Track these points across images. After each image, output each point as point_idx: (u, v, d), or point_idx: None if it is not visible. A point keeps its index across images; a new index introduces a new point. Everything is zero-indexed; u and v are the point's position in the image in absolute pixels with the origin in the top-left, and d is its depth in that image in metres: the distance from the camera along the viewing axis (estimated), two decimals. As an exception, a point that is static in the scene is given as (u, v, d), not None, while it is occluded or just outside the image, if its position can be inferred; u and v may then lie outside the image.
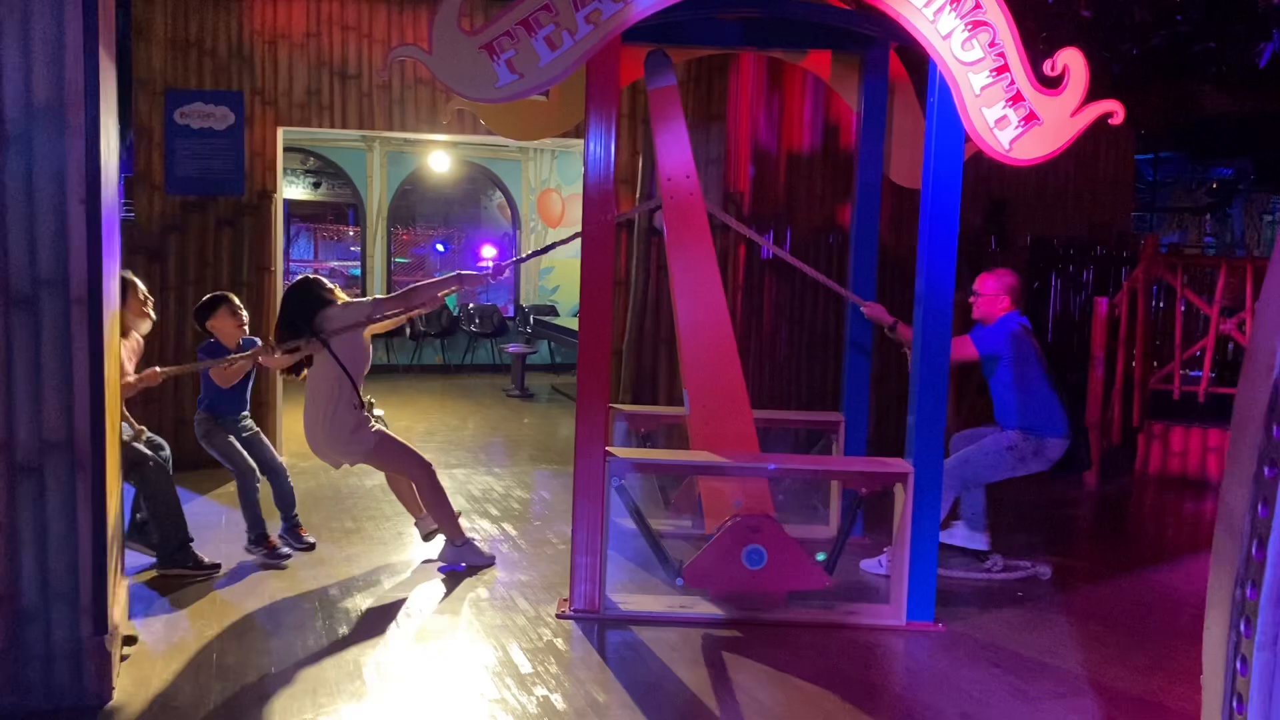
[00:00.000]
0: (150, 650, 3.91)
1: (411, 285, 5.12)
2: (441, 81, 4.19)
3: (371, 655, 3.93)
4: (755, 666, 3.95)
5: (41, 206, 3.22)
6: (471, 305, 13.78)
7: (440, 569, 4.99)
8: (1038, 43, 7.19)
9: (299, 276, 5.13)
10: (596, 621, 4.33)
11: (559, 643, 4.11)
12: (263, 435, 5.35)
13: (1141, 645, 4.31)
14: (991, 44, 4.14)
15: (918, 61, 4.56)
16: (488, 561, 5.07)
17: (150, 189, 7.16)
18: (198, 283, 7.17)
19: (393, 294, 5.22)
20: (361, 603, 4.51)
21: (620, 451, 4.54)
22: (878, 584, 4.89)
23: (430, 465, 5.07)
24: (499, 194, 14.63)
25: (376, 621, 4.29)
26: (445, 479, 6.88)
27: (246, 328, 5.27)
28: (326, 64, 7.20)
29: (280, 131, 7.28)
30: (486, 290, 14.27)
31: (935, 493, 4.39)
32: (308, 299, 4.89)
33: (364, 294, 13.14)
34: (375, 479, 6.80)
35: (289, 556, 5.07)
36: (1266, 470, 2.06)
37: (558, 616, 4.37)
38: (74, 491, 3.32)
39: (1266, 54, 7.37)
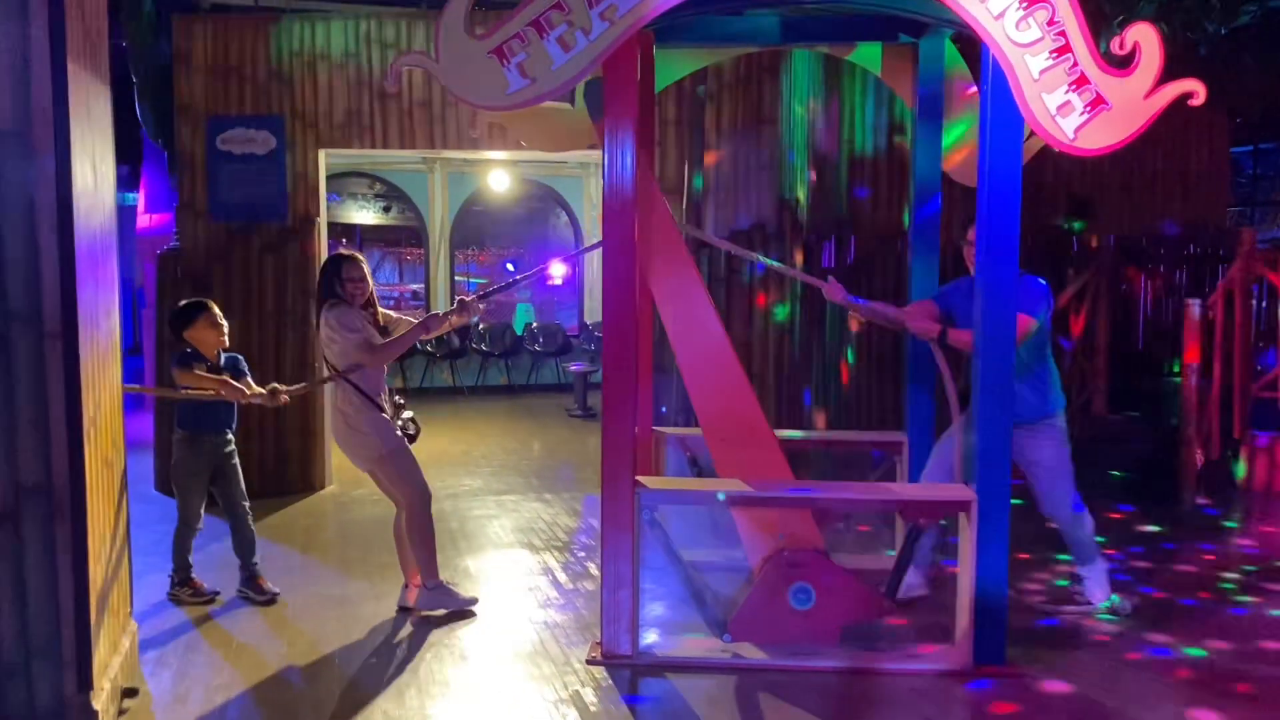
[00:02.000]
0: (153, 703, 3.69)
1: (385, 341, 4.66)
2: (450, 90, 3.94)
3: (380, 706, 3.65)
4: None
5: (10, 236, 3.03)
6: (535, 324, 13.59)
7: (413, 617, 4.59)
8: (1114, 26, 6.69)
9: (337, 252, 4.75)
10: (629, 668, 3.98)
11: (586, 693, 3.78)
12: (239, 468, 4.98)
13: (1244, 698, 3.80)
14: (1050, 22, 3.71)
15: (976, 50, 4.16)
16: (466, 604, 4.65)
17: (195, 216, 7.09)
18: (244, 311, 7.06)
19: (375, 346, 4.57)
20: (381, 648, 4.25)
21: (651, 481, 4.20)
22: (945, 622, 4.45)
23: (429, 497, 4.65)
24: (564, 212, 14.44)
25: (394, 669, 4.01)
26: (493, 507, 6.70)
27: (226, 339, 4.89)
28: (366, 83, 7.04)
29: (322, 154, 7.14)
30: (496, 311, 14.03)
31: (1001, 520, 3.94)
32: (326, 280, 4.55)
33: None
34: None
35: (204, 601, 4.75)
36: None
37: (588, 663, 4.04)
38: (53, 540, 3.11)
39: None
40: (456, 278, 13.65)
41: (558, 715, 3.59)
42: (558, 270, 14.88)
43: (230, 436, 4.95)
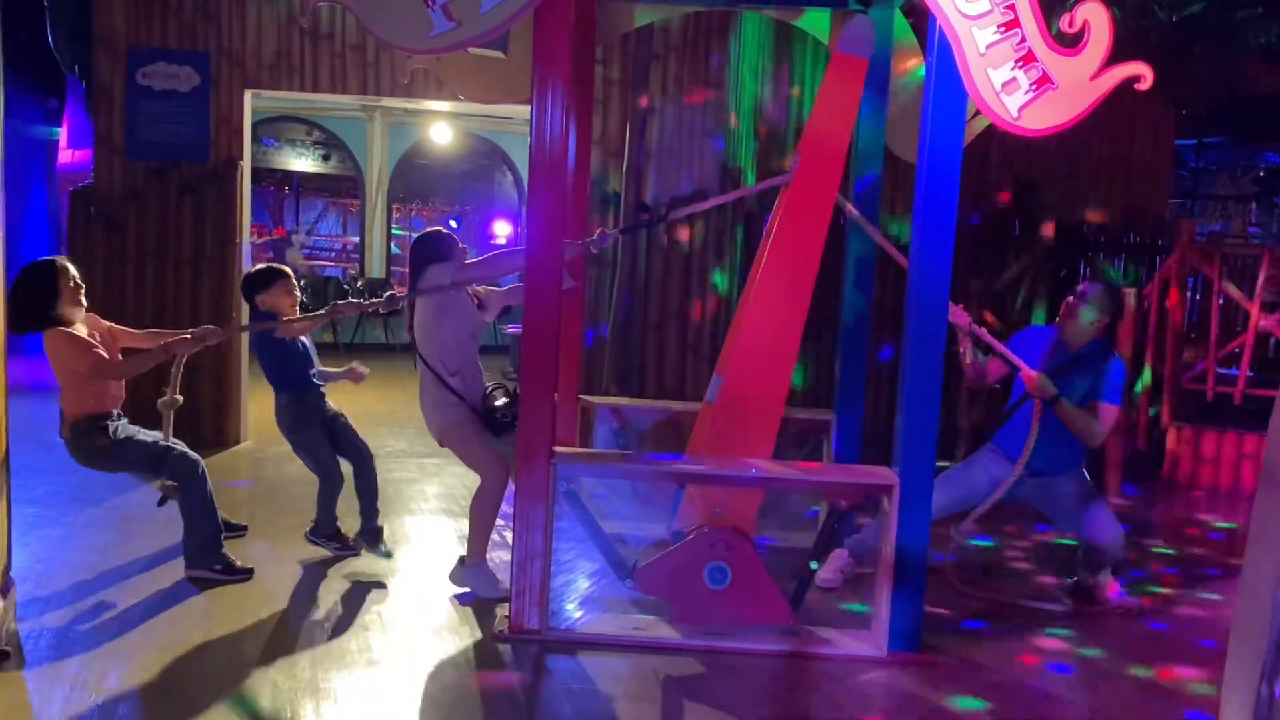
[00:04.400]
0: (25, 667, 3.47)
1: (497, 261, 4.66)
2: (369, 31, 3.70)
3: (270, 677, 3.47)
4: (710, 704, 3.46)
5: None
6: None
7: (459, 597, 4.35)
8: (1067, 4, 6.60)
9: (431, 229, 4.68)
10: (538, 644, 3.85)
11: (488, 671, 3.63)
12: (345, 416, 4.94)
13: (1156, 690, 3.78)
14: (1000, -6, 3.58)
15: (926, 23, 4.01)
16: (499, 595, 4.26)
17: (111, 154, 6.76)
18: (158, 255, 6.78)
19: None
20: (278, 617, 4.04)
21: (568, 452, 4.05)
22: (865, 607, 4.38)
23: (500, 478, 4.32)
24: (509, 170, 14.16)
25: (288, 639, 3.83)
26: (414, 470, 6.52)
27: (298, 308, 4.82)
28: (297, 23, 6.73)
29: (248, 95, 6.83)
30: None
31: (924, 505, 3.86)
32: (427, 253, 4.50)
33: (361, 271, 12.74)
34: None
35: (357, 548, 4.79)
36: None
37: (494, 637, 3.90)
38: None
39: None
40: (395, 230, 13.33)
41: (453, 693, 3.44)
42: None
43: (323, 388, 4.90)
